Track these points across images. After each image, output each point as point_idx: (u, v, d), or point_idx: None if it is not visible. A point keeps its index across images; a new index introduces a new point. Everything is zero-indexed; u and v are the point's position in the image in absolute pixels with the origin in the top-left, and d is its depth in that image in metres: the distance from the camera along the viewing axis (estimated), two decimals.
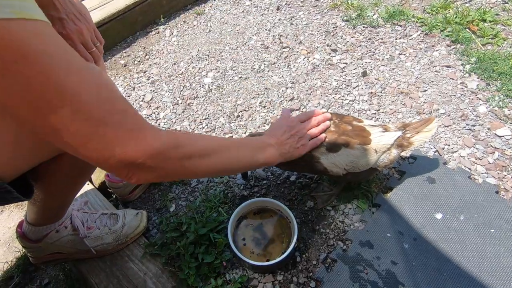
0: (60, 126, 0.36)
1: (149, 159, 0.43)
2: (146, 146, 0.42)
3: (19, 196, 0.51)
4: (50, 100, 0.35)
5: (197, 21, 1.84)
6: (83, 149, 0.40)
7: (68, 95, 0.36)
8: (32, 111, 0.35)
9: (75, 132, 0.37)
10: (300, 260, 0.82)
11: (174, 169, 0.48)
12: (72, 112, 0.36)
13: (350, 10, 1.66)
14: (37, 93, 0.34)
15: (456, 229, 0.82)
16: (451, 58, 1.31)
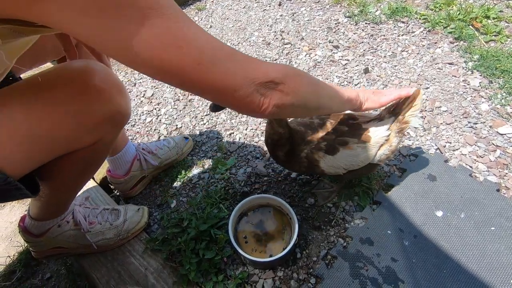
0: (198, 61, 0.40)
1: (277, 74, 0.46)
2: (270, 64, 0.46)
3: (27, 192, 0.51)
4: (185, 40, 0.39)
5: (198, 16, 1.83)
6: (217, 80, 0.42)
7: (197, 37, 0.40)
8: (174, 53, 0.38)
9: (209, 67, 0.40)
10: (300, 257, 0.82)
11: (296, 85, 0.49)
12: (202, 50, 0.40)
13: (353, 6, 1.65)
14: (175, 36, 0.38)
15: (456, 227, 0.82)
16: (454, 55, 1.30)
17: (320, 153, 0.74)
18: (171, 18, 0.38)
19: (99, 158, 0.69)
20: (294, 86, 0.49)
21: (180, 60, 0.39)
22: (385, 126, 0.76)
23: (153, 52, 0.38)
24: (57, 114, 0.52)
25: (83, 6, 0.34)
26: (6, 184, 0.48)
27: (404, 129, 0.78)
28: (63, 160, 0.59)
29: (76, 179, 0.69)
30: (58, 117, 0.52)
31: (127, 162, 0.97)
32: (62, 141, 0.55)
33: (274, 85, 0.46)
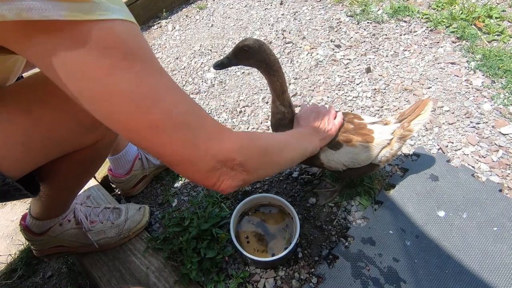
0: (156, 125, 0.37)
1: (239, 154, 0.43)
2: (235, 141, 0.44)
3: (27, 193, 0.51)
4: (149, 98, 0.36)
5: (200, 15, 1.83)
6: (173, 152, 0.39)
7: (162, 96, 0.37)
8: (134, 108, 0.36)
9: (168, 134, 0.38)
10: (302, 256, 0.82)
11: (259, 161, 0.48)
12: (164, 112, 0.37)
13: (355, 5, 1.64)
14: (145, 89, 0.36)
15: (458, 227, 0.82)
16: (456, 55, 1.30)
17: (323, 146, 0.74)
18: (142, 70, 0.36)
19: (100, 158, 0.69)
20: (256, 164, 0.47)
21: (138, 120, 0.36)
22: (389, 130, 0.76)
23: (112, 106, 0.35)
24: (56, 114, 0.52)
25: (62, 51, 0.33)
26: (5, 185, 0.47)
27: (406, 137, 0.78)
28: (63, 160, 0.59)
29: (77, 179, 0.69)
30: (57, 118, 0.52)
31: (128, 161, 0.97)
32: (61, 141, 0.55)
33: (236, 166, 0.43)
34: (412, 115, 0.77)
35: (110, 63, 0.34)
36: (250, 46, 0.64)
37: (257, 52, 0.64)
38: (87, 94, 0.36)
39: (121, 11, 0.35)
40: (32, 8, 0.30)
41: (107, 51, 0.34)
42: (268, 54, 0.65)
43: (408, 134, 0.78)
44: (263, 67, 0.66)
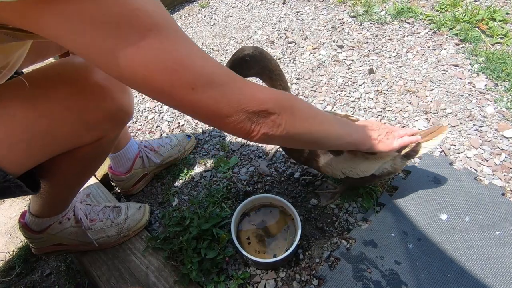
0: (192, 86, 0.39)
1: (271, 104, 0.45)
2: (267, 94, 0.46)
3: (27, 190, 0.50)
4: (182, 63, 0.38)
5: (202, 13, 1.82)
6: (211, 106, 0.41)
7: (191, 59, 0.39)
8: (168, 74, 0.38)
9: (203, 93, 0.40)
10: (303, 258, 0.82)
11: (290, 118, 0.49)
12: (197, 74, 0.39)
13: (357, 6, 1.63)
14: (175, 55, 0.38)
15: (461, 230, 0.81)
16: (459, 57, 1.29)
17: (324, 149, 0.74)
18: (169, 39, 0.37)
19: (101, 156, 0.68)
20: (287, 119, 0.48)
21: (174, 83, 0.38)
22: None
23: (147, 73, 0.37)
24: (58, 111, 0.51)
25: (81, 23, 0.33)
26: (6, 181, 0.47)
27: (411, 157, 0.77)
28: (64, 158, 0.58)
29: (77, 176, 0.68)
30: (58, 114, 0.51)
31: (129, 159, 0.96)
32: (63, 138, 0.54)
33: (266, 115, 0.46)
34: (425, 138, 0.76)
35: (137, 36, 0.35)
36: (251, 55, 0.60)
37: (259, 60, 0.61)
38: (120, 68, 0.37)
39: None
40: None
41: (131, 23, 0.34)
42: (270, 60, 0.62)
43: (414, 155, 0.77)
44: (266, 73, 0.63)
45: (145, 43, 0.35)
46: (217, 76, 0.41)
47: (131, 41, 0.35)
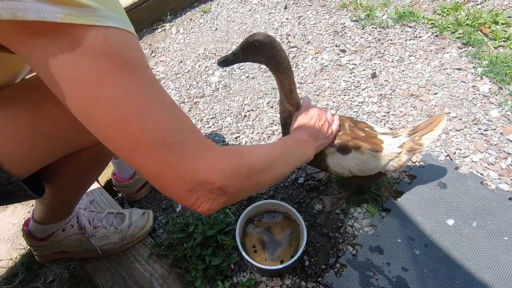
0: (137, 138, 0.36)
1: (218, 177, 0.41)
2: (217, 163, 0.41)
3: (31, 193, 0.50)
4: (136, 109, 0.35)
5: (204, 19, 1.83)
6: (152, 168, 0.38)
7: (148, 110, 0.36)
8: (117, 118, 0.35)
9: (149, 149, 0.37)
10: (308, 264, 0.81)
11: (242, 185, 0.45)
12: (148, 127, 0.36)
13: (359, 10, 1.64)
14: (132, 101, 0.35)
15: (468, 236, 0.80)
16: (463, 60, 1.29)
17: (331, 149, 0.73)
18: (132, 80, 0.35)
19: (104, 158, 0.68)
20: (241, 186, 0.44)
21: (119, 129, 0.35)
22: (399, 142, 0.76)
23: (96, 110, 0.35)
24: (61, 113, 0.51)
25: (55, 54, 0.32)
26: (9, 184, 0.46)
27: (416, 150, 0.77)
28: (68, 160, 0.58)
29: (81, 179, 0.68)
30: (62, 116, 0.51)
31: None
32: (67, 140, 0.54)
33: (216, 190, 0.41)
34: (425, 129, 0.76)
35: (100, 71, 0.33)
36: (260, 41, 0.61)
37: (267, 48, 0.61)
38: (74, 99, 0.35)
39: (119, 20, 0.35)
40: (28, 8, 0.30)
41: (98, 58, 0.33)
42: (279, 51, 0.63)
43: (418, 148, 0.77)
44: (272, 64, 0.64)
45: (107, 80, 0.34)
46: (170, 134, 0.37)
47: (90, 73, 0.33)
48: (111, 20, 0.34)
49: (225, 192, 0.42)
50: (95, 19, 0.32)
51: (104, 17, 0.33)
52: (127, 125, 0.35)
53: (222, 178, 0.41)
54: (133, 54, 0.36)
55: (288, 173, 0.58)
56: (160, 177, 0.39)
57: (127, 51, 0.35)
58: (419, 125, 0.79)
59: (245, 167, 0.46)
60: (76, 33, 0.32)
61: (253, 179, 0.47)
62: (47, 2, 0.30)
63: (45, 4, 0.30)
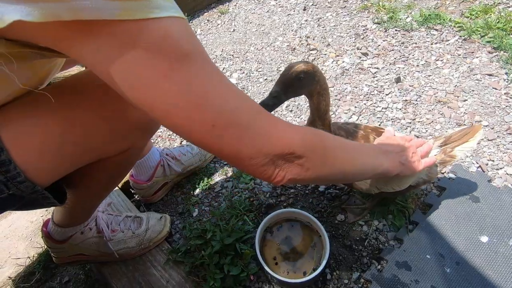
0: (212, 124, 0.37)
1: (298, 147, 0.42)
2: (294, 134, 0.42)
3: (54, 201, 0.49)
4: (205, 97, 0.36)
5: (221, 20, 1.81)
6: (232, 146, 0.39)
7: (216, 95, 0.37)
8: (189, 109, 0.35)
9: (224, 132, 0.37)
10: (330, 278, 0.77)
11: (320, 160, 0.45)
12: (220, 111, 0.37)
13: (381, 12, 1.59)
14: (199, 89, 0.35)
15: (504, 255, 0.75)
16: (493, 66, 1.22)
17: None
18: (197, 71, 0.35)
19: (129, 164, 0.67)
20: (317, 161, 0.45)
21: (194, 119, 0.36)
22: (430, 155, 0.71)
23: (168, 107, 0.35)
24: (91, 120, 0.50)
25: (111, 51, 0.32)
26: (34, 193, 0.45)
27: (447, 162, 0.72)
28: (93, 168, 0.57)
29: (104, 186, 0.67)
30: (91, 123, 0.50)
31: (151, 167, 0.95)
32: (93, 148, 0.53)
33: (293, 158, 0.42)
34: (458, 141, 0.71)
35: (165, 65, 0.33)
36: (306, 71, 0.54)
37: (312, 76, 0.56)
38: (143, 97, 0.35)
39: (171, 8, 0.34)
40: (85, 7, 0.29)
41: (161, 52, 0.33)
42: (321, 74, 0.58)
43: (450, 160, 0.72)
44: (316, 91, 0.58)
45: (172, 74, 0.33)
46: (241, 113, 0.38)
47: (157, 71, 0.33)
48: (166, 9, 0.33)
49: (301, 163, 0.43)
50: (150, 11, 0.31)
51: (158, 8, 0.32)
52: (200, 113, 0.36)
53: (301, 146, 0.42)
54: (191, 42, 0.35)
55: (368, 171, 0.55)
56: (237, 155, 0.39)
57: (186, 40, 0.35)
58: (451, 135, 0.75)
59: (321, 143, 0.46)
60: (134, 28, 0.31)
61: (327, 159, 0.46)
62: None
63: (101, 0, 0.29)
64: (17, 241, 1.09)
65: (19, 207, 0.48)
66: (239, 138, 0.38)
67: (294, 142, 0.42)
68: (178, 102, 0.35)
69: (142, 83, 0.34)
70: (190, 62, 0.34)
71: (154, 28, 0.32)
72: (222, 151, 0.39)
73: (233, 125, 0.38)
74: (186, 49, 0.34)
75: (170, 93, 0.34)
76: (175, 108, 0.35)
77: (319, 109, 0.63)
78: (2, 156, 0.41)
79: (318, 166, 0.45)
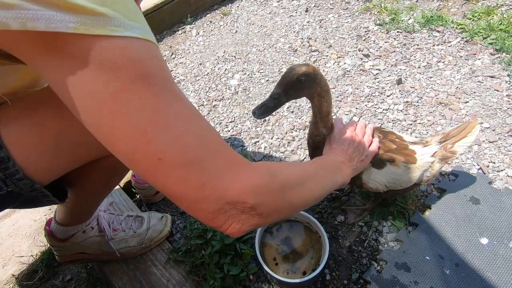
0: (159, 157, 0.33)
1: (251, 196, 0.37)
2: (246, 181, 0.37)
3: (54, 199, 0.50)
4: (155, 126, 0.32)
5: (224, 21, 1.82)
6: (177, 185, 0.35)
7: (171, 125, 0.33)
8: (136, 136, 0.32)
9: (171, 168, 0.34)
10: (330, 278, 0.78)
11: (276, 204, 0.41)
12: (170, 144, 0.33)
13: (383, 14, 1.59)
14: (152, 116, 0.32)
15: (504, 257, 0.75)
16: (496, 67, 1.22)
17: None
18: (151, 95, 0.32)
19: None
20: (274, 206, 0.40)
21: (138, 148, 0.32)
22: (431, 151, 0.72)
23: (113, 130, 0.32)
24: None
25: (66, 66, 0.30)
26: (33, 191, 0.46)
27: (449, 158, 0.73)
28: (92, 167, 0.58)
29: (104, 185, 0.68)
30: None
31: None
32: (90, 147, 0.53)
33: (248, 209, 0.37)
34: (457, 136, 0.72)
35: (117, 86, 0.31)
36: (307, 73, 0.54)
37: (313, 78, 0.56)
38: (89, 114, 0.33)
39: (137, 28, 0.32)
40: (39, 18, 0.27)
41: (115, 71, 0.30)
42: (322, 76, 0.58)
43: (451, 156, 0.73)
44: (316, 93, 0.59)
45: (123, 95, 0.31)
46: (195, 150, 0.34)
47: (107, 87, 0.30)
48: (129, 29, 0.31)
49: (257, 213, 0.38)
50: (111, 28, 0.29)
51: (120, 26, 0.30)
52: (146, 143, 0.32)
53: (255, 196, 0.37)
54: (153, 65, 0.33)
55: (322, 196, 0.53)
56: (185, 197, 0.35)
57: (146, 63, 0.32)
58: (450, 132, 0.75)
59: (279, 184, 0.41)
60: (90, 44, 0.29)
61: (287, 198, 0.42)
62: (59, 10, 0.28)
63: (57, 12, 0.28)
64: (21, 239, 1.10)
65: (20, 205, 0.49)
66: (185, 179, 0.34)
67: (246, 192, 0.37)
68: (125, 126, 0.32)
69: (90, 101, 0.31)
70: (147, 86, 0.32)
71: (111, 46, 0.30)
72: (165, 189, 0.35)
73: (183, 163, 0.33)
74: (145, 71, 0.32)
75: (118, 115, 0.31)
76: (120, 132, 0.32)
77: (321, 111, 0.63)
78: (1, 153, 0.41)
79: (277, 211, 0.41)
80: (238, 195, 0.36)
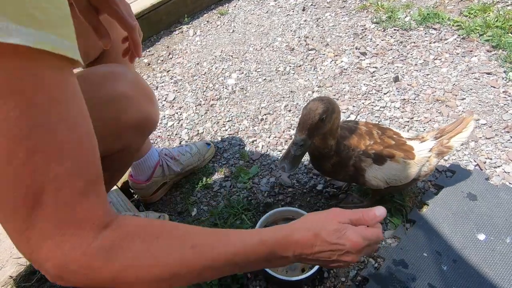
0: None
1: (68, 274, 0.31)
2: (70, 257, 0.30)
3: None
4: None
5: (221, 21, 1.82)
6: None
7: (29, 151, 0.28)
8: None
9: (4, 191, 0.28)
10: (327, 276, 0.78)
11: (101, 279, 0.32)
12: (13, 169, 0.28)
13: (380, 12, 1.59)
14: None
15: (501, 253, 0.75)
16: (492, 64, 1.22)
17: (368, 160, 0.71)
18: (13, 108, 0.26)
19: (125, 164, 0.68)
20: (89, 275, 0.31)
21: None
22: (428, 147, 0.73)
23: None
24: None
25: None
26: None
27: (445, 153, 0.74)
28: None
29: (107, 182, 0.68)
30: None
31: (149, 167, 0.96)
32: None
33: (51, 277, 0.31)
34: (453, 132, 0.73)
35: None
36: (326, 110, 0.56)
37: (332, 111, 0.58)
38: None
39: (25, 35, 0.25)
40: None
41: None
42: (335, 102, 0.61)
43: (447, 151, 0.74)
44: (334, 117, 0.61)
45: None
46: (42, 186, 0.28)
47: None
48: (13, 35, 0.25)
49: (64, 280, 0.31)
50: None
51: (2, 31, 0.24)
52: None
53: (73, 275, 0.30)
54: (32, 82, 0.27)
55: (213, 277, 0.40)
56: (7, 231, 0.29)
57: (23, 78, 0.26)
58: (445, 127, 0.76)
59: (109, 274, 0.32)
60: None
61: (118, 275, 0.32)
62: None
63: None
64: None
65: None
66: (15, 229, 0.29)
67: (66, 270, 0.30)
68: None
69: None
70: (18, 104, 0.26)
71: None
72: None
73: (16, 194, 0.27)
74: (18, 87, 0.26)
75: None
76: None
77: (332, 128, 0.64)
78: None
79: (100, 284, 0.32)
80: (57, 269, 0.30)
